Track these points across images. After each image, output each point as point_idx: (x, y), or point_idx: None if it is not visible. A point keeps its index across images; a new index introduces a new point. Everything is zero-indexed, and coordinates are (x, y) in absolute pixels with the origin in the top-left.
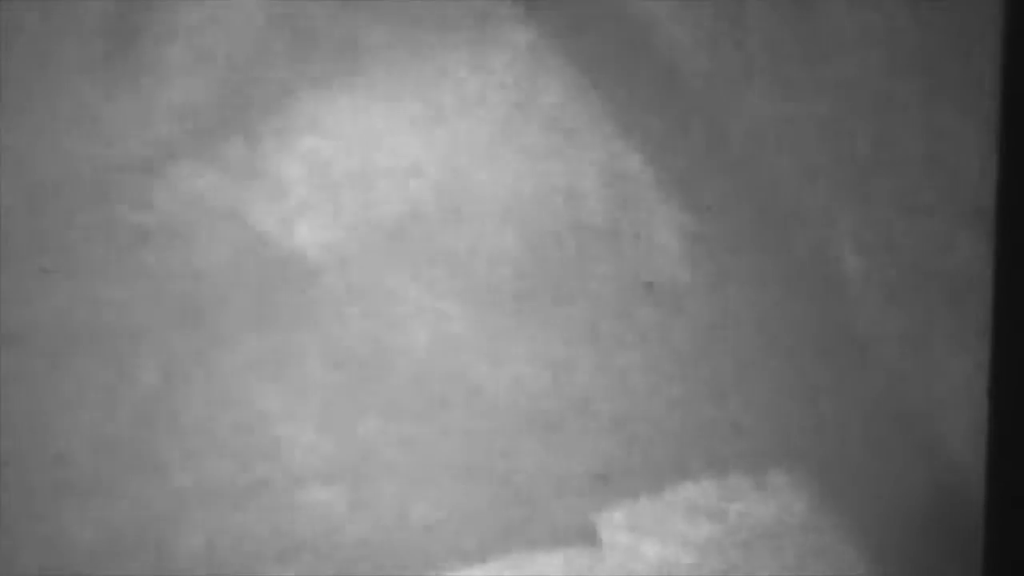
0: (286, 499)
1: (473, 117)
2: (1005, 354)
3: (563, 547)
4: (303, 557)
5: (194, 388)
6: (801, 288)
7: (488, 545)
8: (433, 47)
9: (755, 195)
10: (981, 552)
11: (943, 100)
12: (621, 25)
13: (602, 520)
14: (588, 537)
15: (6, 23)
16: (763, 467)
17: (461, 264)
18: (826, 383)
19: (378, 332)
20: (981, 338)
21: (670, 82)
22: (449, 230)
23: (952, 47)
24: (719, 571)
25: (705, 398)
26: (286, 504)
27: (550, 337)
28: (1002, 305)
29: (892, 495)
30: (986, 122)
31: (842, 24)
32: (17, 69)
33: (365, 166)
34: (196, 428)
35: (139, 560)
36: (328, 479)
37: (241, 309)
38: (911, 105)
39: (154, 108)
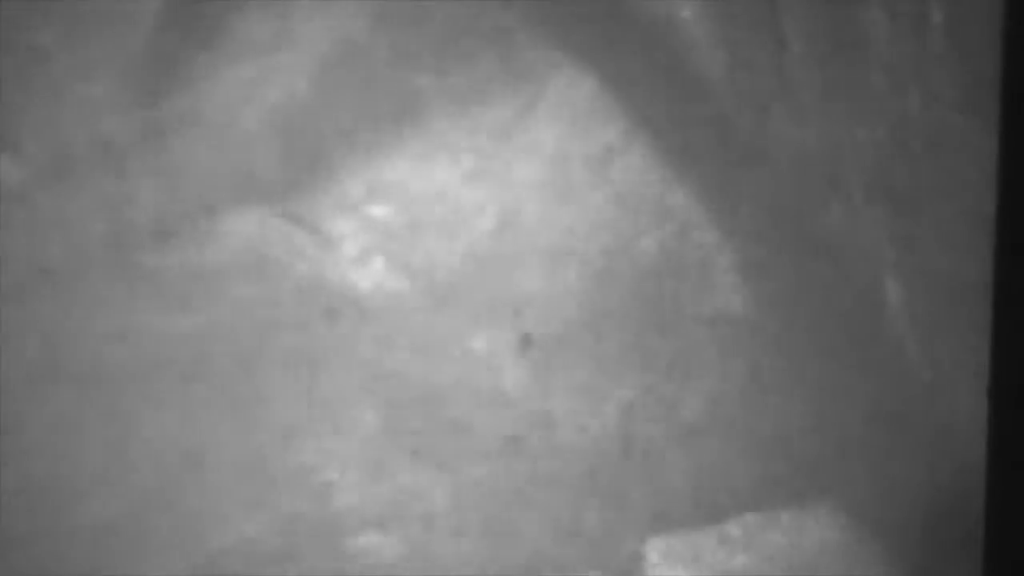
0: (336, 545)
1: (527, 166)
2: (1005, 354)
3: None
4: None
5: (243, 432)
6: (802, 292)
7: None
8: (489, 99)
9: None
10: (981, 552)
11: (943, 100)
12: (671, 69)
13: (653, 555)
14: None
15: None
16: (772, 473)
17: (515, 310)
18: (826, 383)
19: (429, 378)
20: (981, 338)
21: (715, 120)
22: (503, 277)
23: (952, 47)
24: None
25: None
26: (336, 551)
27: (602, 381)
28: (1002, 305)
29: (892, 495)
30: (986, 122)
31: (846, 26)
32: (76, 116)
33: (421, 214)
34: (243, 475)
35: None
36: (378, 526)
37: (292, 353)
38: (911, 104)
39: (209, 156)
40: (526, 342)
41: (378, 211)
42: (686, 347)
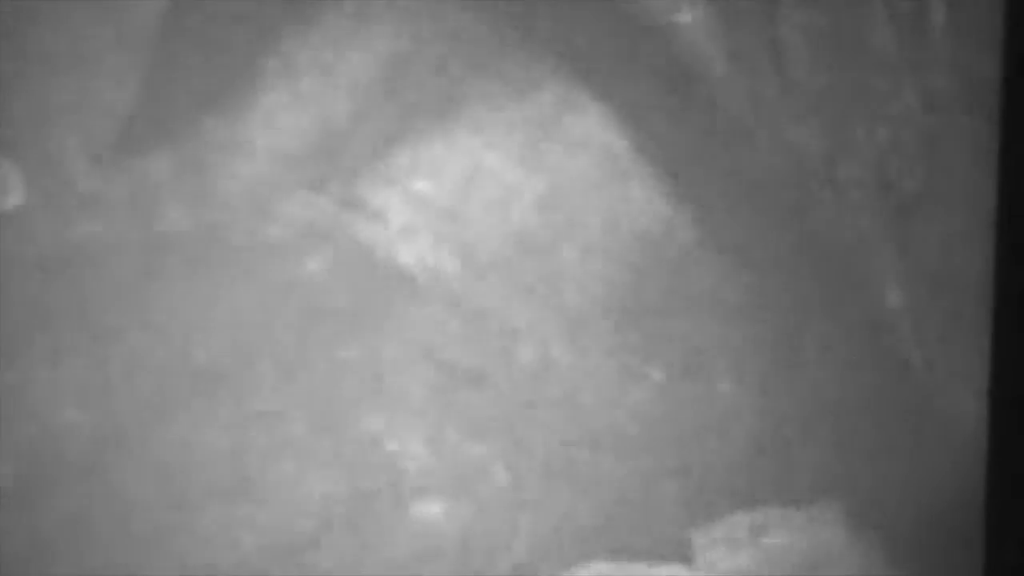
0: (396, 513)
1: (568, 151)
2: (1005, 354)
3: (663, 562)
4: (412, 570)
5: (304, 402)
6: (801, 292)
7: (589, 558)
8: (529, 94)
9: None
10: (981, 552)
11: (943, 100)
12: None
13: (697, 539)
14: (683, 555)
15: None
16: (772, 473)
17: (561, 287)
18: (826, 384)
19: (480, 353)
20: (981, 338)
21: (715, 121)
22: (549, 255)
23: (952, 47)
24: None
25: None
26: (397, 518)
27: (644, 359)
28: (1002, 305)
29: (892, 495)
30: (986, 122)
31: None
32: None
33: (466, 197)
34: (304, 445)
35: None
36: (437, 494)
37: (344, 326)
38: (911, 104)
39: (257, 146)
40: (568, 321)
41: (422, 190)
42: (724, 333)
